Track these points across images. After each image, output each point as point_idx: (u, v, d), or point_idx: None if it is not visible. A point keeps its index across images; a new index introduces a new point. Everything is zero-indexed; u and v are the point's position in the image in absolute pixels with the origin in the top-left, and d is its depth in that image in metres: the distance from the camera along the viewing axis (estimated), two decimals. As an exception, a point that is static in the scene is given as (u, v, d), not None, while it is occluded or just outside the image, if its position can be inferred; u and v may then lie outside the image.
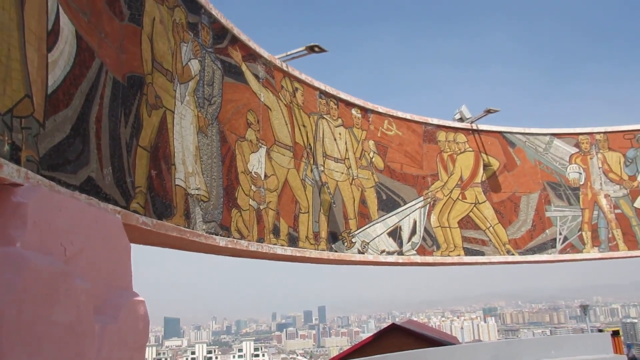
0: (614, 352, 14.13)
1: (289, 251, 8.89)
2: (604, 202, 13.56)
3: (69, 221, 4.05)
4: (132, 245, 5.14)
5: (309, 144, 9.82)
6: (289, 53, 9.31)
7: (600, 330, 17.77)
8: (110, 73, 5.25)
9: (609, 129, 14.05)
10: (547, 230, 13.20)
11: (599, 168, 13.73)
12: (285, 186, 9.08)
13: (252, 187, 8.22)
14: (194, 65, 7.12)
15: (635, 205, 13.54)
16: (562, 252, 13.18)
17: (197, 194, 6.84)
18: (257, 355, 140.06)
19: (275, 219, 8.69)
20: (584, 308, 33.55)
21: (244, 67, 8.41)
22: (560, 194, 13.49)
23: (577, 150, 13.81)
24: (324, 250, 9.78)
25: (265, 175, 8.61)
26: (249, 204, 8.08)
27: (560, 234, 13.24)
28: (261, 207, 8.36)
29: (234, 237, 7.58)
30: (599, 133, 13.98)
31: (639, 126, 14.07)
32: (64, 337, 3.68)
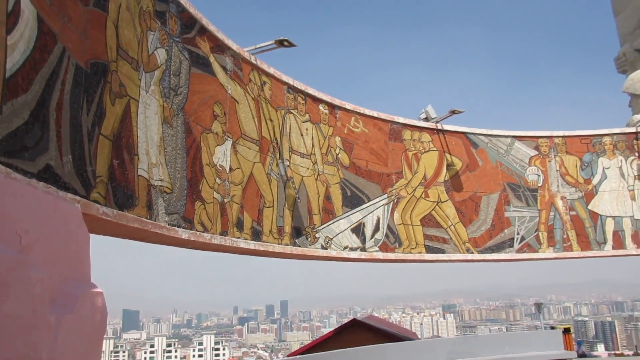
0: (564, 348, 14.66)
1: (252, 245, 8.87)
2: (560, 204, 14.02)
3: (25, 209, 3.93)
4: (92, 235, 5.04)
5: (276, 139, 9.80)
6: (258, 46, 9.26)
7: (553, 328, 18.41)
8: (72, 59, 5.11)
9: (567, 133, 14.51)
10: (505, 230, 13.56)
11: (557, 171, 14.18)
12: (250, 180, 9.04)
13: (217, 179, 8.16)
14: (161, 55, 7.01)
15: (589, 207, 14.04)
16: (519, 251, 13.56)
17: (160, 185, 6.74)
18: (217, 349, 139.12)
19: (239, 212, 8.65)
20: (538, 306, 34.65)
21: (211, 59, 8.31)
22: (519, 195, 13.87)
23: (537, 153, 14.22)
24: (287, 245, 9.80)
25: (230, 169, 8.55)
26: (213, 197, 8.01)
27: (518, 233, 13.62)
28: (225, 200, 8.31)
29: (196, 230, 7.51)
30: (557, 137, 14.42)
31: (595, 131, 14.59)
32: (17, 328, 3.58)
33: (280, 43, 8.72)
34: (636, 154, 14.26)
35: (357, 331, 18.41)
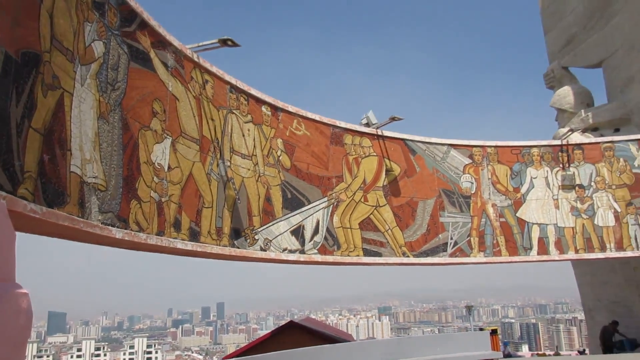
0: (492, 349, 15.31)
1: (190, 246, 8.70)
2: (491, 210, 14.66)
3: (-56, 205, 3.69)
4: (18, 233, 4.78)
5: (217, 138, 9.67)
6: (201, 44, 9.10)
7: (481, 329, 19.18)
8: (1, 47, 4.85)
9: (500, 143, 15.21)
10: (440, 235, 14.01)
11: (489, 179, 14.82)
12: (189, 179, 8.87)
13: (155, 178, 7.95)
14: (98, 47, 6.76)
15: (518, 215, 14.77)
16: (452, 255, 14.06)
17: (94, 183, 6.50)
18: (149, 353, 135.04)
19: (177, 212, 8.46)
20: (469, 308, 36.02)
21: (152, 54, 8.10)
22: (453, 201, 14.38)
23: (471, 161, 14.81)
24: (225, 247, 9.68)
25: (169, 167, 8.36)
26: (150, 196, 7.80)
27: (451, 238, 14.12)
28: (163, 199, 8.11)
29: (131, 230, 7.28)
30: (490, 146, 15.08)
31: (524, 143, 15.38)
32: None
33: (224, 42, 8.62)
34: (561, 165, 15.15)
35: (293, 333, 18.43)
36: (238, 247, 10.02)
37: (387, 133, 13.84)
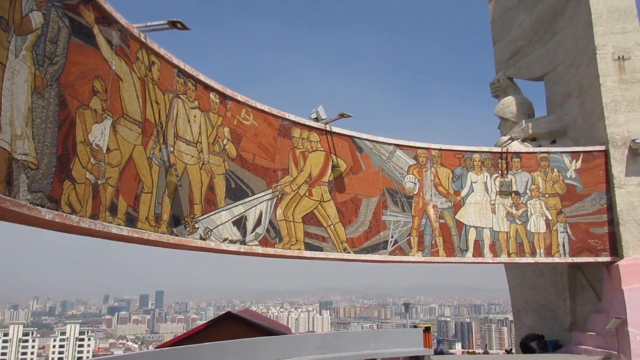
0: (424, 346, 15.75)
1: (126, 231, 8.46)
2: (431, 211, 15.04)
3: None
4: None
5: (161, 122, 9.43)
6: (149, 24, 8.82)
7: (415, 326, 19.69)
8: None
9: (444, 146, 15.62)
10: (381, 233, 14.26)
11: (431, 181, 15.20)
12: (129, 163, 8.61)
13: (91, 159, 7.66)
14: (36, 18, 6.43)
15: (456, 217, 15.24)
16: (391, 253, 14.35)
17: (24, 160, 6.20)
18: (81, 340, 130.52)
19: (113, 195, 8.19)
20: (406, 306, 36.89)
21: (95, 30, 7.79)
22: (396, 201, 14.66)
23: (415, 162, 15.13)
24: (164, 234, 9.47)
25: (108, 149, 8.07)
26: (86, 177, 7.51)
27: (392, 237, 14.41)
28: (99, 181, 7.83)
29: (63, 211, 7.00)
30: (435, 149, 15.46)
31: (467, 148, 15.85)
32: None
33: (173, 24, 8.39)
34: (499, 172, 15.73)
35: (230, 324, 18.27)
36: (177, 235, 9.83)
37: (335, 129, 13.93)
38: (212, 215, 10.74)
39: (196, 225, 10.32)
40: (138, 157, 8.80)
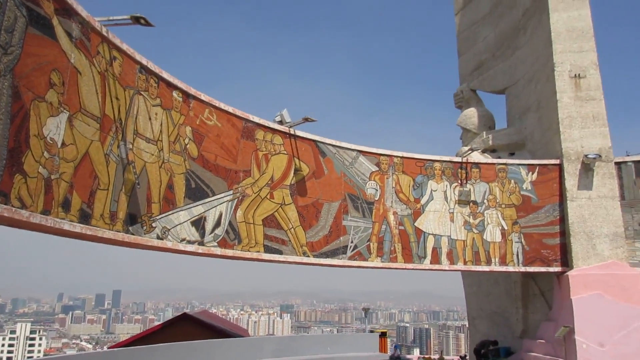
0: (379, 350, 15.95)
1: (79, 228, 8.25)
2: (392, 218, 15.24)
3: None
4: None
5: (120, 119, 9.26)
6: (111, 18, 8.66)
7: (372, 331, 19.88)
8: None
9: (406, 154, 15.86)
10: (341, 237, 14.36)
11: (392, 188, 15.40)
12: (85, 158, 8.41)
13: (45, 153, 7.45)
14: (-9, 6, 6.23)
15: (416, 224, 15.48)
16: (351, 258, 14.45)
17: (-28, 151, 5.99)
18: (32, 339, 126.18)
19: (67, 191, 7.99)
20: (366, 311, 37.18)
21: (55, 21, 7.60)
22: (357, 206, 14.79)
23: (377, 169, 15.31)
24: (119, 232, 9.28)
25: (63, 144, 7.87)
26: (38, 172, 7.30)
27: (352, 242, 14.52)
28: (52, 176, 7.62)
29: (12, 206, 6.78)
30: (397, 157, 15.68)
31: (429, 156, 16.14)
32: None
33: (136, 20, 8.26)
34: (459, 181, 16.07)
35: (187, 326, 18.06)
36: (133, 234, 9.65)
37: (299, 133, 13.96)
38: (170, 214, 10.59)
39: (153, 225, 10.16)
40: (95, 153, 8.61)
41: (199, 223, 11.32)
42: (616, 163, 16.26)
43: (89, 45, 8.46)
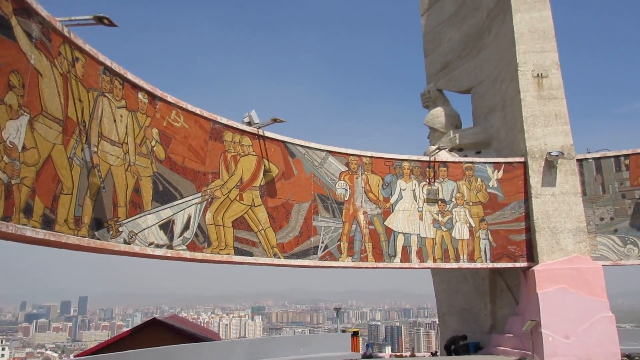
0: (352, 350, 16.00)
1: (42, 234, 8.01)
2: (361, 217, 15.32)
3: None
4: None
5: (84, 121, 9.03)
6: (73, 18, 8.44)
7: (344, 331, 19.94)
8: None
9: (375, 154, 15.97)
10: (311, 238, 14.35)
11: (362, 187, 15.49)
12: (47, 162, 8.17)
13: (5, 158, 7.21)
14: (-55, 5, 6.00)
15: (386, 223, 15.60)
16: (321, 258, 14.46)
17: None
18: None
19: (29, 196, 7.74)
20: (337, 311, 37.30)
21: (14, 21, 7.36)
22: (327, 206, 14.81)
23: (347, 169, 15.37)
24: (84, 237, 9.04)
25: (24, 147, 7.63)
26: (-2, 177, 7.06)
27: (322, 242, 14.53)
28: (13, 181, 7.38)
29: (-30, 212, 6.54)
30: (366, 157, 15.78)
31: (397, 156, 16.30)
32: None
33: (100, 20, 8.07)
34: (427, 180, 16.27)
35: (156, 331, 17.75)
36: (99, 239, 9.42)
37: (268, 134, 13.90)
38: (137, 218, 10.39)
39: (120, 229, 9.94)
40: (58, 156, 8.38)
41: (167, 226, 11.14)
42: (578, 160, 16.75)
43: (50, 46, 8.23)
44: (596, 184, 16.74)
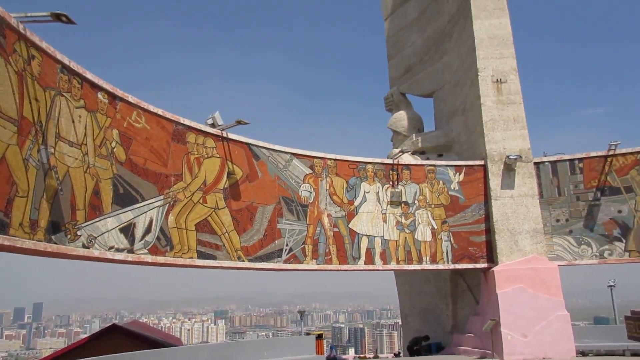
0: (316, 353, 16.00)
1: (-6, 238, 7.69)
2: (326, 220, 15.36)
3: None
4: None
5: (40, 121, 8.72)
6: (29, 14, 8.14)
7: (308, 334, 19.93)
8: None
9: (339, 157, 16.04)
10: (276, 241, 14.29)
11: (326, 190, 15.53)
12: (1, 164, 7.84)
13: (-45, 159, 6.90)
14: None
15: (350, 226, 15.68)
16: (286, 261, 14.41)
17: None
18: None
19: (-19, 199, 7.43)
20: (301, 313, 37.26)
21: (-35, 17, 7.06)
22: (292, 209, 14.78)
23: (311, 171, 15.38)
24: (40, 241, 8.72)
25: (-24, 148, 7.32)
26: (-53, 179, 6.75)
27: (287, 245, 14.49)
28: (-37, 184, 7.07)
29: None
30: (330, 159, 15.83)
31: (361, 159, 16.43)
32: None
33: (57, 17, 7.80)
34: (390, 183, 16.46)
35: (116, 337, 17.31)
36: (56, 243, 9.11)
37: (232, 136, 13.77)
38: (96, 222, 10.10)
39: (78, 233, 9.65)
40: (12, 157, 8.06)
41: (128, 230, 10.87)
42: (535, 163, 17.26)
43: (4, 43, 7.93)
44: (552, 187, 17.28)
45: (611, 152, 16.93)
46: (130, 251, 10.91)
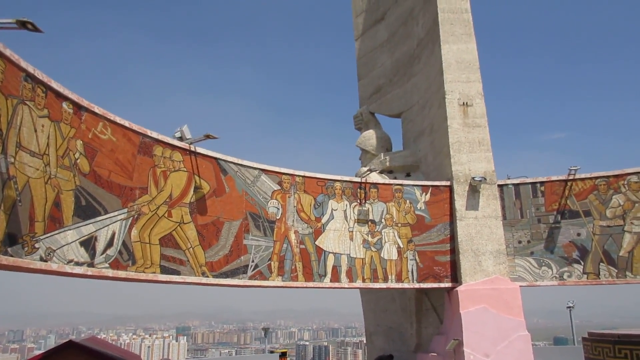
0: (279, 371, 15.81)
1: (-54, 250, 7.38)
2: (293, 237, 15.29)
3: None
4: None
5: (1, 130, 8.47)
6: (-7, 21, 7.95)
7: (272, 352, 19.69)
8: None
9: (307, 174, 16.05)
10: (242, 257, 14.13)
11: (294, 207, 15.49)
12: (-44, 172, 7.58)
13: None
14: None
15: (316, 243, 15.65)
16: (251, 278, 14.25)
17: None
18: None
19: None
20: (266, 331, 36.80)
21: None
22: (258, 225, 14.68)
23: (279, 187, 15.34)
24: (-5, 254, 8.42)
25: None
26: None
27: (253, 261, 14.34)
28: None
29: None
30: (299, 176, 15.83)
31: (329, 176, 16.48)
32: None
33: (23, 24, 7.63)
34: (358, 201, 16.55)
35: (72, 354, 16.60)
36: (12, 256, 8.78)
37: (200, 150, 13.64)
38: (56, 234, 9.79)
39: (36, 245, 9.33)
40: (-31, 166, 7.79)
41: (89, 243, 10.58)
42: (499, 185, 17.64)
43: (-34, 48, 7.70)
44: (515, 209, 17.68)
45: (571, 177, 17.46)
46: (91, 265, 10.61)
